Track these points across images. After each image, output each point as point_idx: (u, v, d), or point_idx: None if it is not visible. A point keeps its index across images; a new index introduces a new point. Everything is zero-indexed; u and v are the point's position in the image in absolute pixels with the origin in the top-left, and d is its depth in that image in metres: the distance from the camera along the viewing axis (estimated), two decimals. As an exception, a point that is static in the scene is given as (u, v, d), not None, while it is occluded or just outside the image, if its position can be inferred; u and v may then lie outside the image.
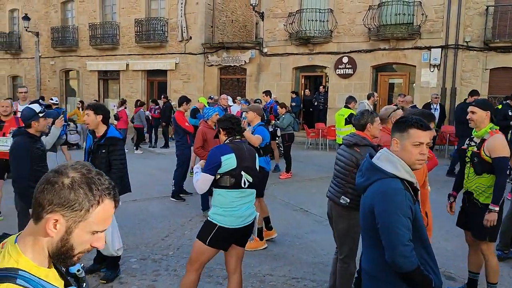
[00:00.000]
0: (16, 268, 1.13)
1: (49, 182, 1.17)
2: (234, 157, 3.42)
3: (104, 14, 21.68)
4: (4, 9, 24.94)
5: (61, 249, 1.19)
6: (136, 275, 4.67)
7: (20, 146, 4.12)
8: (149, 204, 7.55)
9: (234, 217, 3.40)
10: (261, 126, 5.74)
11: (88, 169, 1.21)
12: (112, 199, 1.23)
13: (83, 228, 1.18)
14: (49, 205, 1.15)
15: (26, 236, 1.20)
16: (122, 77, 21.32)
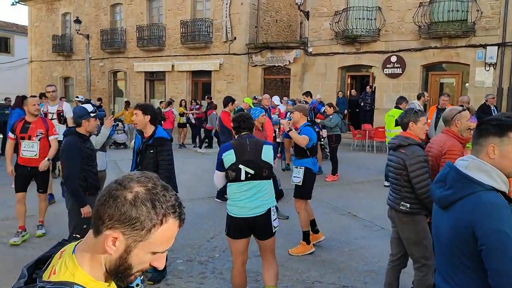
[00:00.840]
0: (71, 283, 1.04)
1: (111, 195, 1.07)
2: (233, 153, 3.70)
3: (151, 16, 22.12)
4: (57, 13, 26.00)
5: (119, 268, 1.09)
6: (182, 277, 4.61)
7: (71, 146, 4.14)
8: (194, 204, 7.52)
9: (238, 207, 3.68)
10: (307, 126, 5.58)
11: (154, 184, 1.10)
12: (177, 218, 1.12)
13: (143, 248, 1.08)
14: (109, 220, 1.05)
15: (84, 247, 1.11)
16: (167, 78, 21.67)
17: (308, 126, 5.54)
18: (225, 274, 4.69)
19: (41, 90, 19.22)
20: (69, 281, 1.04)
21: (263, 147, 3.77)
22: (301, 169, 5.37)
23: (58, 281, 1.04)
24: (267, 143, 3.89)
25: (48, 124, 5.65)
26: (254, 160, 3.70)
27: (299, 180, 5.35)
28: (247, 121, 3.89)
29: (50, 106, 7.58)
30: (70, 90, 26.32)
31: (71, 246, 1.14)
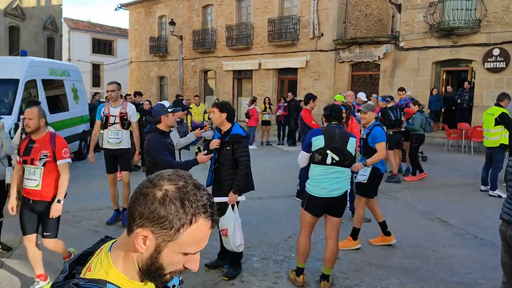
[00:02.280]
0: (104, 281, 1.03)
1: (141, 193, 1.05)
2: (323, 138, 4.10)
3: (239, 16, 22.60)
4: (154, 16, 27.65)
5: (151, 267, 1.06)
6: (257, 275, 4.60)
7: (155, 141, 4.30)
8: (274, 202, 7.51)
9: (319, 188, 4.11)
10: (377, 126, 5.32)
11: (185, 182, 1.06)
12: (209, 218, 1.06)
13: (172, 248, 1.04)
14: (139, 218, 1.03)
15: (119, 246, 1.10)
16: (254, 76, 22.00)
17: (378, 126, 5.32)
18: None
19: (139, 89, 20.63)
20: (102, 279, 1.03)
21: (349, 139, 4.16)
22: (368, 168, 5.21)
23: (91, 278, 1.03)
24: (352, 136, 4.24)
25: (56, 144, 4.01)
26: (341, 148, 4.09)
27: (364, 178, 5.22)
28: (339, 112, 4.31)
29: (112, 108, 6.20)
30: (165, 89, 27.87)
31: (109, 244, 1.14)
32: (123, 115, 6.20)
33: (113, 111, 6.19)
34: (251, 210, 6.63)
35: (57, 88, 10.76)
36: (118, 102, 6.27)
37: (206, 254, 5.11)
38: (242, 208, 4.66)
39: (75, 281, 1.02)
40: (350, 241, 5.37)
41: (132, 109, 6.37)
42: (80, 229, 6.16)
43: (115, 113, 6.18)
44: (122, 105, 6.28)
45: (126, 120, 6.23)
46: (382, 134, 5.19)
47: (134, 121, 6.36)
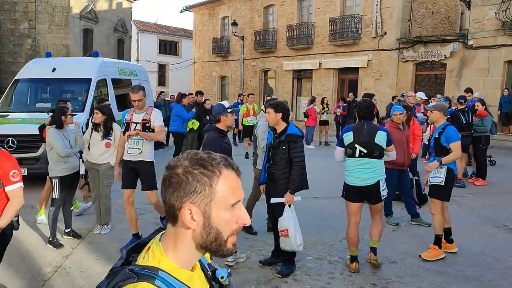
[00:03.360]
0: (157, 268, 1.11)
1: (165, 180, 1.15)
2: (352, 134, 4.60)
3: (301, 15, 22.55)
4: (217, 17, 28.28)
5: (209, 238, 1.13)
6: (310, 274, 4.63)
7: (213, 140, 4.46)
8: (330, 203, 7.47)
9: (353, 177, 4.63)
10: (450, 126, 5.14)
11: (195, 153, 1.17)
12: (230, 167, 1.15)
13: (217, 206, 1.12)
14: (176, 200, 1.12)
15: (167, 238, 1.18)
16: (314, 76, 21.87)
17: (449, 125, 5.14)
18: (354, 277, 4.57)
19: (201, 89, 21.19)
20: (155, 266, 1.11)
21: (377, 132, 4.56)
22: (442, 169, 5.02)
23: (145, 265, 1.12)
24: (381, 129, 4.64)
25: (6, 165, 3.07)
26: (368, 142, 4.52)
27: (440, 180, 5.00)
28: (369, 108, 4.73)
29: (136, 114, 5.39)
30: (226, 88, 28.42)
31: (160, 235, 1.22)
32: (146, 122, 5.27)
33: (136, 117, 5.34)
34: (307, 210, 6.64)
35: (125, 87, 11.35)
36: (143, 108, 5.38)
37: (260, 251, 5.22)
38: (298, 208, 4.70)
39: (131, 267, 1.11)
40: (436, 250, 5.05)
41: (157, 114, 5.40)
42: (142, 220, 6.47)
43: (138, 120, 5.30)
44: (147, 111, 5.36)
45: (148, 128, 5.28)
46: (456, 133, 5.04)
47: (158, 125, 5.36)
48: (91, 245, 5.47)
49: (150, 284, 1.06)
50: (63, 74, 9.41)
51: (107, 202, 5.90)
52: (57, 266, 4.81)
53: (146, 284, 1.05)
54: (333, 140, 15.87)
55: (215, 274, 1.28)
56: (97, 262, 4.93)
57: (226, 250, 1.16)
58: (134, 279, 1.06)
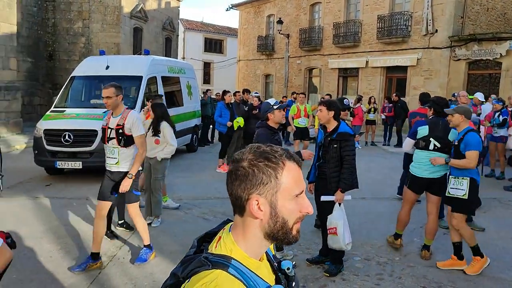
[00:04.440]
0: (229, 257, 1.16)
1: (231, 173, 1.19)
2: (427, 128, 4.88)
3: (348, 13, 22.25)
4: (263, 15, 28.39)
5: (276, 227, 1.18)
6: (358, 274, 4.58)
7: (262, 135, 4.51)
8: (378, 203, 7.35)
9: (422, 169, 4.87)
10: (471, 132, 4.56)
11: (258, 146, 1.22)
12: (291, 159, 1.20)
13: (283, 196, 1.17)
14: (244, 193, 1.17)
15: (236, 229, 1.23)
16: (361, 74, 21.52)
17: (472, 131, 4.56)
18: (404, 279, 4.48)
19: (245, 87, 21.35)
20: (227, 255, 1.17)
21: (451, 130, 4.79)
22: (464, 180, 4.53)
23: (218, 253, 1.17)
24: (455, 128, 4.69)
25: None
26: (443, 137, 4.80)
27: (463, 192, 4.52)
28: (441, 107, 4.95)
29: (112, 118, 4.63)
30: (270, 86, 28.50)
31: (229, 225, 1.27)
32: (119, 127, 4.56)
33: (112, 122, 4.63)
34: (354, 210, 6.56)
35: (174, 84, 11.63)
36: (118, 111, 4.59)
37: (308, 250, 5.21)
38: (345, 208, 4.66)
39: (205, 255, 1.17)
40: (478, 261, 4.66)
41: (133, 119, 4.59)
42: (190, 215, 6.64)
43: (113, 125, 4.61)
44: (122, 114, 4.58)
45: (122, 135, 4.56)
46: (476, 141, 4.48)
47: (137, 135, 4.61)
48: (142, 237, 5.66)
49: (224, 271, 1.11)
50: (116, 71, 9.75)
51: (157, 195, 6.08)
52: (111, 256, 5.02)
53: (220, 272, 1.10)
54: (380, 140, 15.57)
55: (281, 266, 1.32)
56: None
57: (292, 237, 1.21)
58: (208, 266, 1.11)
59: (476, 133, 4.57)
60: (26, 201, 7.15)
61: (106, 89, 4.48)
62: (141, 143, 4.63)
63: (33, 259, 4.86)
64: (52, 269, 4.60)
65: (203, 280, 1.08)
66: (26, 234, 5.63)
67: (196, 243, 1.28)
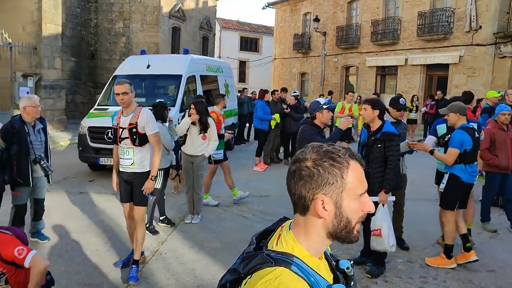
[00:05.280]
0: (291, 255, 1.16)
1: (295, 173, 1.19)
2: (445, 126, 5.14)
3: (386, 10, 21.81)
4: (299, 13, 28.25)
5: (340, 226, 1.18)
6: (401, 276, 4.50)
7: (306, 133, 4.47)
8: (420, 205, 7.17)
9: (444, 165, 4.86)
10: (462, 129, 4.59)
11: (320, 145, 1.22)
12: (354, 159, 1.20)
13: (348, 196, 1.17)
14: (308, 192, 1.16)
15: (297, 226, 1.23)
16: (399, 72, 21.05)
17: (463, 129, 4.58)
18: (449, 282, 4.37)
19: (281, 85, 21.31)
20: (289, 252, 1.17)
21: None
22: (446, 175, 4.71)
23: (281, 251, 1.17)
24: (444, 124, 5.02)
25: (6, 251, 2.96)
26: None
27: (443, 186, 4.70)
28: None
29: (123, 117, 4.40)
30: (306, 84, 28.33)
31: (288, 223, 1.27)
32: (133, 126, 4.32)
33: (123, 121, 4.36)
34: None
35: (212, 83, 11.75)
36: (130, 109, 4.36)
37: (348, 250, 5.16)
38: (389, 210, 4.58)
39: (267, 252, 1.17)
40: (443, 259, 4.74)
41: (147, 116, 4.38)
42: (229, 213, 6.70)
43: (125, 124, 4.35)
44: (134, 112, 4.36)
45: (136, 134, 4.33)
46: (459, 139, 4.53)
47: (151, 134, 4.38)
48: (183, 233, 5.75)
49: (286, 269, 1.11)
50: (156, 70, 9.95)
51: (200, 192, 6.17)
52: (154, 251, 5.13)
53: (283, 269, 1.10)
54: (420, 139, 15.18)
55: (338, 265, 1.31)
56: (190, 250, 5.18)
57: (353, 237, 1.22)
58: (271, 264, 1.11)
59: (463, 132, 4.56)
60: (72, 196, 7.41)
61: (121, 85, 4.23)
62: (156, 142, 4.41)
63: (80, 252, 5.04)
64: (98, 262, 4.76)
65: (267, 276, 1.09)
66: (72, 227, 5.84)
67: (254, 240, 1.28)
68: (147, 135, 4.36)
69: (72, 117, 17.86)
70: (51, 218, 5.96)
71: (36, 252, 3.09)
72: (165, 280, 4.41)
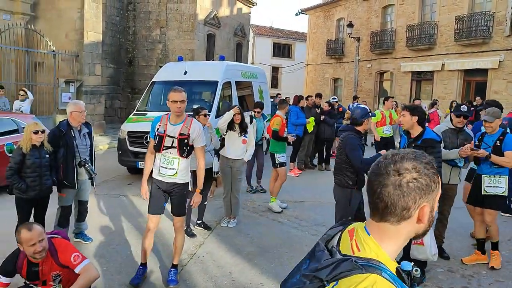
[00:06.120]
0: (378, 261, 1.15)
1: (399, 186, 1.18)
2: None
3: (423, 14, 21.44)
4: (332, 19, 28.14)
5: (429, 226, 1.25)
6: (442, 286, 4.43)
7: (352, 139, 4.45)
8: (458, 213, 6.97)
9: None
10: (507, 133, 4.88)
11: (411, 152, 1.24)
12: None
13: (436, 198, 1.23)
14: (415, 203, 1.18)
15: (382, 232, 1.23)
16: (435, 78, 20.61)
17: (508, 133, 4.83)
18: (492, 294, 4.26)
19: (314, 91, 21.27)
20: (376, 259, 1.16)
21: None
22: (502, 178, 4.76)
23: (367, 257, 1.16)
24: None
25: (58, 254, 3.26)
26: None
27: (502, 190, 4.73)
28: None
29: (171, 125, 4.20)
30: (339, 90, 28.12)
31: (360, 227, 1.27)
32: (184, 137, 4.16)
33: (171, 129, 4.18)
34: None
35: (246, 89, 11.86)
36: (181, 118, 4.20)
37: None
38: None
39: (354, 258, 1.15)
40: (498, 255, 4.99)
41: (199, 129, 4.29)
42: (265, 218, 6.75)
43: (173, 133, 4.18)
44: (185, 122, 4.21)
45: (187, 145, 4.21)
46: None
47: (200, 146, 4.34)
48: (220, 237, 5.84)
49: (379, 276, 1.10)
50: (193, 77, 10.15)
51: (238, 196, 6.25)
52: (191, 253, 5.24)
53: (376, 276, 1.10)
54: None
55: (401, 267, 1.29)
56: (227, 253, 5.26)
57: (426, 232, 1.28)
58: (361, 271, 1.11)
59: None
60: (112, 199, 7.65)
61: (179, 92, 4.10)
62: (203, 154, 4.40)
63: (121, 253, 5.20)
64: (139, 263, 4.88)
65: (363, 284, 1.09)
66: (114, 229, 6.04)
67: (323, 245, 1.28)
68: (195, 147, 4.29)
69: (110, 122, 18.40)
70: (93, 219, 6.18)
71: (89, 262, 3.35)
72: (203, 283, 4.49)
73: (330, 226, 1.40)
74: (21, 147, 4.74)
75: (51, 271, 3.26)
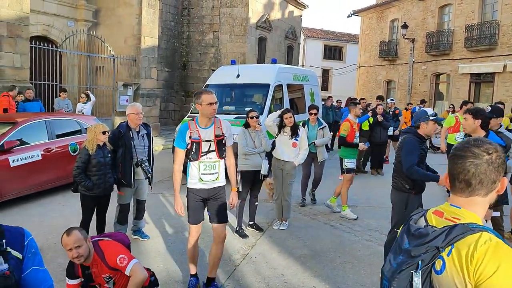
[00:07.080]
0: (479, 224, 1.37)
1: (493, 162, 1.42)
2: None
3: (483, 14, 20.50)
4: (386, 20, 27.52)
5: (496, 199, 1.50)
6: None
7: (411, 142, 4.33)
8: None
9: None
10: None
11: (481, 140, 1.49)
12: None
13: None
14: (499, 176, 1.42)
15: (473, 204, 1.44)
16: (497, 80, 19.63)
17: None
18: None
19: (366, 94, 20.90)
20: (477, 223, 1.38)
21: None
22: None
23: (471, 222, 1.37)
24: None
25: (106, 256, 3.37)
26: None
27: None
28: None
29: (202, 129, 4.05)
30: (391, 93, 27.44)
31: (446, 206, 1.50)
32: (221, 138, 4.06)
33: (205, 133, 4.02)
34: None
35: (298, 91, 11.87)
36: (210, 120, 4.06)
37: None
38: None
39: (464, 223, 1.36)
40: None
41: (229, 127, 4.22)
42: (316, 221, 6.72)
43: (209, 137, 4.02)
44: (215, 123, 4.09)
45: (224, 145, 4.11)
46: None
47: (231, 145, 4.29)
48: (271, 238, 5.89)
49: (487, 233, 1.30)
50: (246, 80, 10.29)
51: (288, 199, 6.28)
52: (244, 254, 5.32)
53: (487, 233, 1.30)
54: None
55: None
56: (279, 255, 5.30)
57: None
58: (473, 231, 1.31)
59: None
60: (167, 198, 7.91)
61: (212, 94, 3.99)
62: (232, 153, 4.30)
63: (177, 251, 5.37)
64: (194, 261, 5.03)
65: (481, 239, 1.28)
66: (170, 228, 6.25)
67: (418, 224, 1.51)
68: (227, 146, 4.16)
69: (165, 124, 18.99)
70: (150, 217, 6.42)
71: (136, 262, 3.42)
72: (256, 284, 4.54)
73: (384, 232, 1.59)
74: (87, 147, 5.02)
75: (101, 274, 3.35)
